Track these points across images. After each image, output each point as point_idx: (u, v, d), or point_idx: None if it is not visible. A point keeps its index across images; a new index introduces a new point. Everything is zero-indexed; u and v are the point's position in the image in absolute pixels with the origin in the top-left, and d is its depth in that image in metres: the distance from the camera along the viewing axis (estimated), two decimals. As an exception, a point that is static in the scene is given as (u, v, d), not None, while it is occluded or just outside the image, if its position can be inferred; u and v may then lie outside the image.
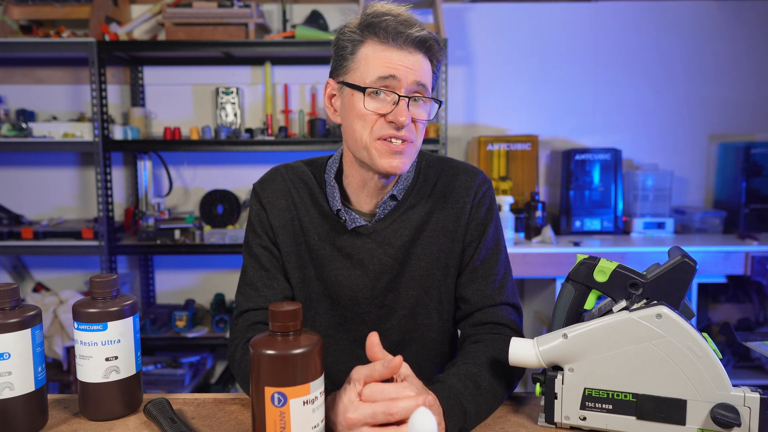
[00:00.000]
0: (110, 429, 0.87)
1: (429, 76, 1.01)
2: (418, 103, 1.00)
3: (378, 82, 0.97)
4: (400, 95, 0.97)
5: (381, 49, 0.98)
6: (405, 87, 0.97)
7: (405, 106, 0.97)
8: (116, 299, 0.90)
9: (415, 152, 1.03)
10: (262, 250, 1.10)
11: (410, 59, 0.98)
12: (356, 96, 0.99)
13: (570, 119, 3.11)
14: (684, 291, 0.85)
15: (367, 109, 0.98)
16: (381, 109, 0.97)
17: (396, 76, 0.96)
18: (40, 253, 2.79)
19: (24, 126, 2.75)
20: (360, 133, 0.99)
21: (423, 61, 1.00)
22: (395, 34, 0.96)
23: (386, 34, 0.97)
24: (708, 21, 3.06)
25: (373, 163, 0.99)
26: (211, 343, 2.79)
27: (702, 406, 0.78)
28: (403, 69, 0.97)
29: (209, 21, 2.72)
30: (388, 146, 0.98)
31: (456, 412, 0.84)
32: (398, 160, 0.99)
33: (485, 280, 1.08)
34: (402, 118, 0.96)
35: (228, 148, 2.76)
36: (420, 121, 1.00)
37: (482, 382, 0.91)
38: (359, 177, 1.07)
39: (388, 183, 1.07)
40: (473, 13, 3.06)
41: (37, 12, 2.77)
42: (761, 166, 2.91)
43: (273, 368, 0.71)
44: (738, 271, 2.61)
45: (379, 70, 0.97)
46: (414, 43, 0.98)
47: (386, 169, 0.99)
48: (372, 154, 0.99)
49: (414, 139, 1.00)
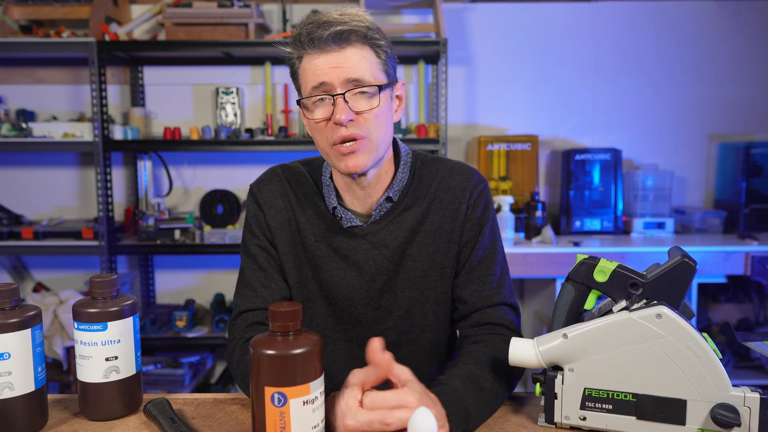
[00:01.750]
0: (110, 429, 0.87)
1: (365, 66, 0.98)
2: (362, 95, 0.98)
3: (312, 91, 0.98)
4: (334, 95, 0.97)
5: (309, 59, 0.99)
6: (339, 87, 0.97)
7: (342, 104, 0.96)
8: (116, 299, 0.90)
9: (374, 146, 1.00)
10: (259, 251, 1.10)
11: (335, 58, 0.97)
12: (305, 110, 1.02)
13: (570, 119, 3.11)
14: (684, 291, 0.85)
15: (312, 119, 1.00)
16: (325, 115, 0.99)
17: (325, 81, 0.97)
18: (40, 253, 2.80)
19: (24, 126, 2.75)
20: (320, 142, 1.02)
21: (354, 53, 0.97)
22: (310, 40, 0.96)
23: (310, 42, 0.97)
24: (707, 21, 3.06)
25: (337, 167, 1.02)
26: (211, 343, 2.79)
27: (702, 406, 0.78)
28: (330, 71, 0.96)
29: (209, 21, 2.72)
30: (339, 149, 0.99)
31: (459, 415, 0.84)
32: (353, 159, 0.99)
33: (482, 280, 1.08)
34: (339, 116, 0.96)
35: (228, 148, 2.76)
36: (366, 112, 0.98)
37: (484, 383, 0.91)
38: (343, 181, 1.08)
39: (368, 183, 1.06)
40: (473, 14, 3.06)
41: (37, 12, 2.77)
42: (761, 166, 2.91)
43: (273, 368, 0.71)
44: (738, 271, 2.61)
45: (310, 80, 0.98)
46: (333, 41, 0.96)
47: (346, 170, 1.00)
48: (332, 159, 1.02)
49: (366, 133, 0.99)
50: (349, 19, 0.97)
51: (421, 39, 2.73)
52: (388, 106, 1.03)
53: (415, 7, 3.00)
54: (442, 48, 2.66)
